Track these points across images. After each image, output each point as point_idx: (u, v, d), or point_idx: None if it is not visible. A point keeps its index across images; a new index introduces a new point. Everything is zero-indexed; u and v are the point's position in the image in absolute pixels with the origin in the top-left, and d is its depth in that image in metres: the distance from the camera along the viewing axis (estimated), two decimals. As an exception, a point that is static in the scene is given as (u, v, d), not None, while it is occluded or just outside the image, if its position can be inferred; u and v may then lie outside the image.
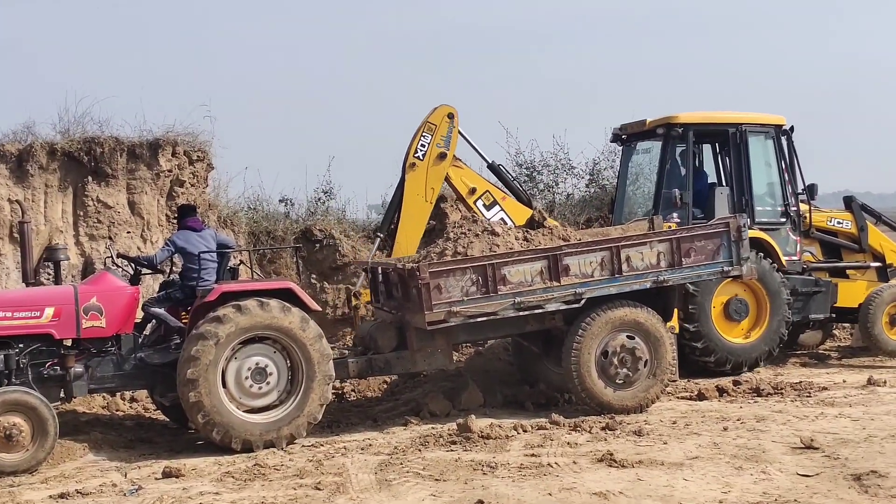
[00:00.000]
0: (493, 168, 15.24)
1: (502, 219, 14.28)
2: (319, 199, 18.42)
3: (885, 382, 13.47)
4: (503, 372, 13.83)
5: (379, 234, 14.94)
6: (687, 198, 15.01)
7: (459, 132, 14.63)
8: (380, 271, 12.96)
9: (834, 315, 16.10)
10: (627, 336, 11.88)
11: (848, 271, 16.32)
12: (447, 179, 14.72)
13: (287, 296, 11.00)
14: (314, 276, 16.04)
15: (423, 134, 14.46)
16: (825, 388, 13.22)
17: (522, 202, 14.90)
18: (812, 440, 9.91)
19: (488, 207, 14.67)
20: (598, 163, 21.20)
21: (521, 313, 11.59)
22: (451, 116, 14.53)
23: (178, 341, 10.98)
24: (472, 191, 14.77)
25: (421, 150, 14.41)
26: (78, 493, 9.07)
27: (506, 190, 15.08)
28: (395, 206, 14.72)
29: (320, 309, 12.31)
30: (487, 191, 14.83)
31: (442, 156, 14.45)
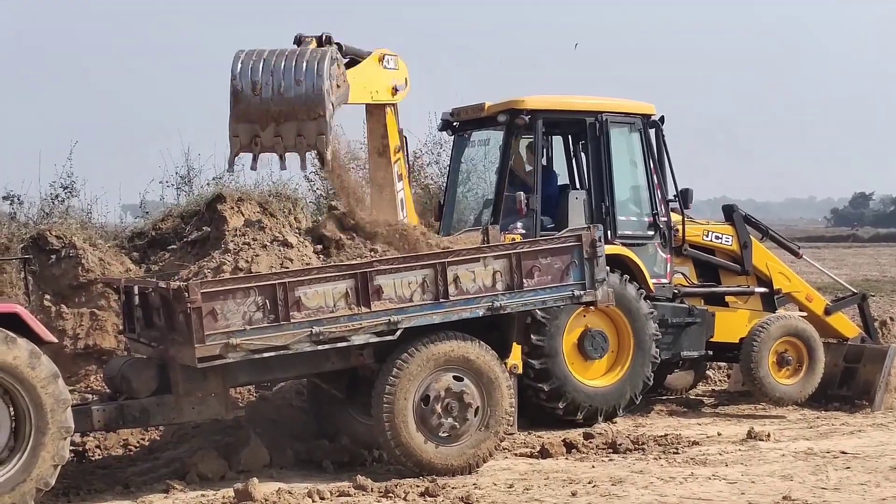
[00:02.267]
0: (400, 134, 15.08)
1: (402, 200, 14.31)
2: (57, 197, 18.19)
3: (768, 436, 13.90)
4: (296, 423, 13.79)
5: None
6: (534, 203, 15.23)
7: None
8: (136, 291, 12.77)
9: (710, 352, 16.54)
10: (454, 377, 11.95)
11: (728, 298, 16.77)
12: (388, 115, 14.42)
13: (11, 322, 10.73)
14: (48, 296, 15.72)
15: (394, 56, 14.19)
16: (696, 443, 13.57)
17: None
18: (680, 509, 10.17)
19: (399, 179, 14.58)
20: (420, 156, 21.52)
21: (319, 347, 11.54)
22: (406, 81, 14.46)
23: None
24: (397, 149, 14.62)
25: (389, 61, 14.15)
26: None
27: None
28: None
29: (56, 340, 12.06)
30: (400, 160, 14.71)
31: (396, 90, 14.24)
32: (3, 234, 16.42)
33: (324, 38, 13.25)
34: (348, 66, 13.71)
